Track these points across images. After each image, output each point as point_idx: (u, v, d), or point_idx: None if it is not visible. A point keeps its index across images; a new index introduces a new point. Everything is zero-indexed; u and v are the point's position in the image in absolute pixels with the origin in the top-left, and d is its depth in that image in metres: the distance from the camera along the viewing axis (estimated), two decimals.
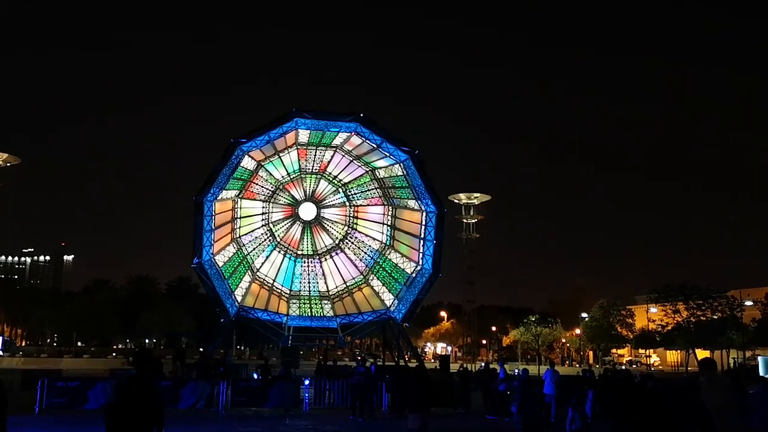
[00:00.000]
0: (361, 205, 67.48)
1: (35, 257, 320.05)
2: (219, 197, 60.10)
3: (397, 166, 63.42)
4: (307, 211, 66.81)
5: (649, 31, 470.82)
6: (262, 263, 66.21)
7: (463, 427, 25.32)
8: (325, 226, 67.68)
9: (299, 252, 67.33)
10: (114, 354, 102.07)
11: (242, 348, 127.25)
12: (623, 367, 71.47)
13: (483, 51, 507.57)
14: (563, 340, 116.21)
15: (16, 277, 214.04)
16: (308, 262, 67.65)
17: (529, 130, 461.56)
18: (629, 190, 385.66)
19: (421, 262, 63.37)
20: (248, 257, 65.28)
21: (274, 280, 66.14)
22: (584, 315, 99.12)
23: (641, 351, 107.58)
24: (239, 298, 62.32)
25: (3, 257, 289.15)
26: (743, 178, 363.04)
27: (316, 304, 66.40)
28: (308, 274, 67.35)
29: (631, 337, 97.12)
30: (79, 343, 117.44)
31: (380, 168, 65.34)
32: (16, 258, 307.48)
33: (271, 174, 65.37)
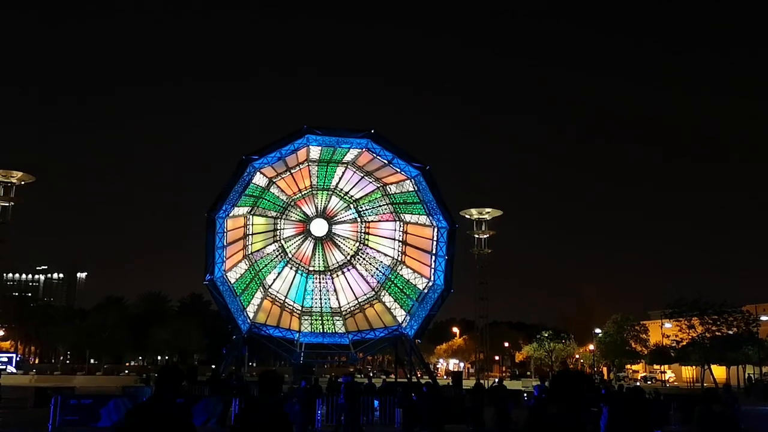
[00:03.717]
0: (372, 221, 67.53)
1: (49, 275, 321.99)
2: (231, 214, 60.37)
3: (408, 181, 63.52)
4: (319, 227, 66.93)
5: (649, 32, 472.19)
6: (274, 280, 66.30)
7: None
8: (337, 242, 67.74)
9: (311, 268, 67.38)
10: (126, 371, 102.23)
11: (254, 365, 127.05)
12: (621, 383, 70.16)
13: (480, 57, 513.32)
14: (577, 356, 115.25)
15: (29, 294, 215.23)
16: (320, 279, 67.67)
17: (534, 140, 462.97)
18: (642, 205, 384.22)
19: (432, 278, 63.22)
20: (260, 274, 65.38)
21: (285, 297, 66.17)
22: (598, 330, 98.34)
23: (656, 367, 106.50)
24: (251, 315, 62.35)
25: (17, 275, 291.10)
26: (754, 187, 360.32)
27: (328, 320, 66.33)
28: (320, 291, 67.34)
29: (646, 352, 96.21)
30: (92, 361, 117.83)
31: (391, 184, 65.48)
32: (30, 276, 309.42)
33: (282, 190, 65.64)
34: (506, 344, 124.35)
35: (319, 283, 67.46)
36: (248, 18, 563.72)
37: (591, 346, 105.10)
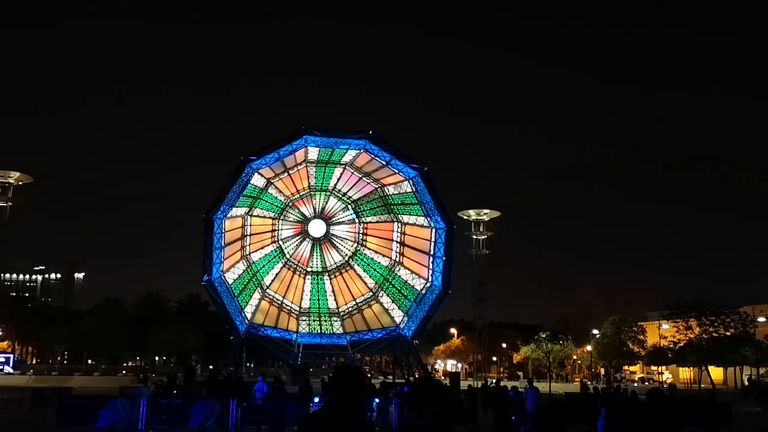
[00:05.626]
0: (370, 222, 67.56)
1: (46, 275, 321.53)
2: (229, 215, 60.41)
3: (406, 182, 63.59)
4: (317, 228, 66.98)
5: (649, 31, 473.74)
6: (272, 280, 66.33)
7: None
8: (335, 243, 67.76)
9: (309, 269, 67.40)
10: (124, 372, 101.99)
11: (251, 365, 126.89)
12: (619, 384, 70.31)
13: (477, 61, 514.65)
14: (574, 357, 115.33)
15: (27, 295, 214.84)
16: (318, 279, 67.69)
17: (534, 140, 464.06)
18: (640, 206, 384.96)
19: (430, 279, 63.29)
20: (258, 274, 65.41)
21: (283, 297, 66.20)
22: (595, 331, 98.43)
23: (653, 368, 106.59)
24: (249, 316, 62.39)
25: (14, 275, 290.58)
26: (753, 192, 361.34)
27: (325, 321, 66.37)
28: (318, 291, 67.37)
29: (643, 353, 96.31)
30: (90, 361, 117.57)
31: (390, 185, 65.55)
32: (27, 276, 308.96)
33: (280, 191, 65.66)
34: (504, 345, 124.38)
35: (317, 283, 67.48)
36: (249, 18, 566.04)
37: (588, 347, 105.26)
